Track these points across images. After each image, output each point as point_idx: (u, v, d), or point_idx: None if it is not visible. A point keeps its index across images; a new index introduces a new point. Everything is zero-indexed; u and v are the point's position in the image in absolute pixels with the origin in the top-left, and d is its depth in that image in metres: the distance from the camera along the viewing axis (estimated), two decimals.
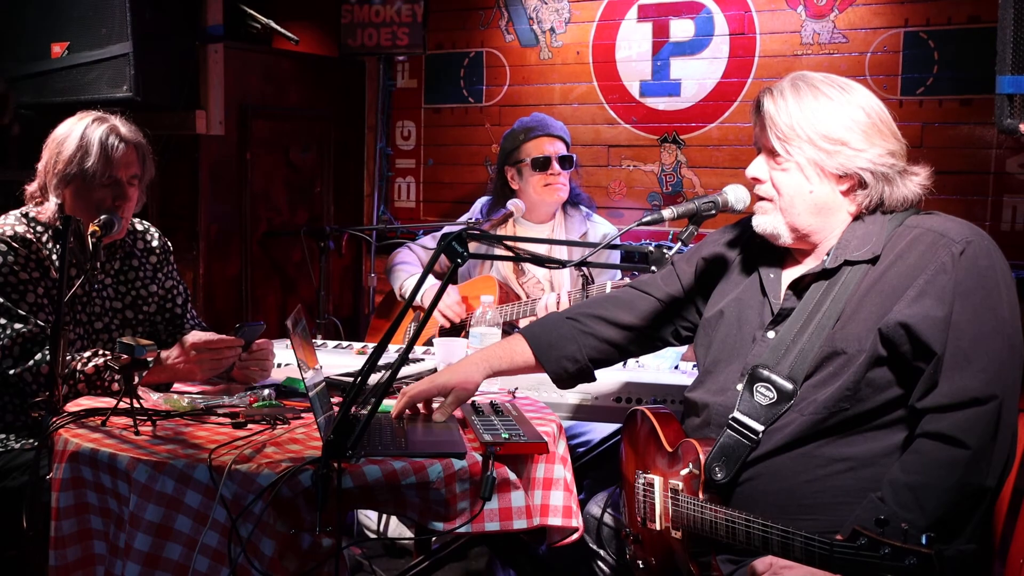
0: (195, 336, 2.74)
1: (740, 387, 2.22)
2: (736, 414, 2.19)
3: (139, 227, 3.11)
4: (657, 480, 2.31)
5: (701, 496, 2.16)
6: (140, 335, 2.98)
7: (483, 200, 4.22)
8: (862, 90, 2.21)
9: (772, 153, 2.22)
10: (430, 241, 4.31)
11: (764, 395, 2.17)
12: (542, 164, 3.90)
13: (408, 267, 4.17)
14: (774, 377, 2.17)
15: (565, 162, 3.94)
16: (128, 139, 2.85)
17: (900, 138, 2.20)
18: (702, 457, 2.18)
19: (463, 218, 4.23)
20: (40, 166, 2.85)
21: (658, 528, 2.29)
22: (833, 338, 2.13)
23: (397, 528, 3.90)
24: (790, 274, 2.31)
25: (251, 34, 4.63)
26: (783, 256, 2.36)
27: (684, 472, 2.22)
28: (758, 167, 2.27)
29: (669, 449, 2.31)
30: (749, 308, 2.35)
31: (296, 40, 4.58)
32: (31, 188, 2.87)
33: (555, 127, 4.01)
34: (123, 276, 3.02)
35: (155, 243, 3.12)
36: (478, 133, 5.15)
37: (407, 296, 4.04)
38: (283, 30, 4.56)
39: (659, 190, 4.72)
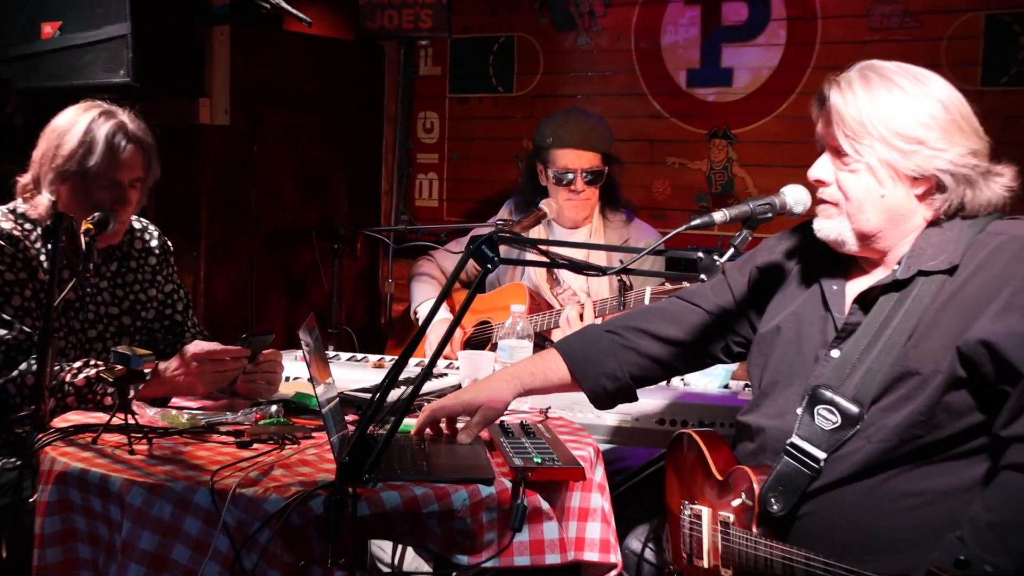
0: (196, 346, 2.75)
1: (800, 410, 2.21)
2: (795, 439, 2.18)
3: (137, 225, 3.12)
4: (705, 512, 2.30)
5: (755, 530, 2.16)
6: (137, 344, 3.00)
7: (513, 200, 4.21)
8: (940, 81, 2.19)
9: (839, 152, 2.21)
10: (456, 246, 4.30)
11: (827, 419, 2.16)
12: (566, 181, 3.87)
13: (426, 284, 4.17)
14: (838, 399, 2.15)
15: (595, 178, 3.91)
16: (136, 139, 2.86)
17: (983, 135, 2.18)
18: (756, 487, 2.18)
19: (492, 220, 4.22)
20: (36, 156, 2.87)
21: (706, 566, 2.28)
22: (905, 357, 2.11)
23: (414, 561, 3.89)
24: (856, 286, 2.30)
25: (260, 15, 4.64)
26: (848, 266, 2.35)
27: (736, 503, 2.21)
28: (822, 168, 2.26)
29: (719, 477, 2.30)
30: (810, 324, 2.34)
31: (309, 22, 4.59)
32: (24, 180, 2.89)
33: (588, 139, 3.89)
34: (120, 279, 3.04)
35: (154, 243, 3.14)
36: (508, 126, 5.16)
37: (420, 325, 4.05)
38: (295, 11, 4.57)
39: (707, 190, 4.71)
